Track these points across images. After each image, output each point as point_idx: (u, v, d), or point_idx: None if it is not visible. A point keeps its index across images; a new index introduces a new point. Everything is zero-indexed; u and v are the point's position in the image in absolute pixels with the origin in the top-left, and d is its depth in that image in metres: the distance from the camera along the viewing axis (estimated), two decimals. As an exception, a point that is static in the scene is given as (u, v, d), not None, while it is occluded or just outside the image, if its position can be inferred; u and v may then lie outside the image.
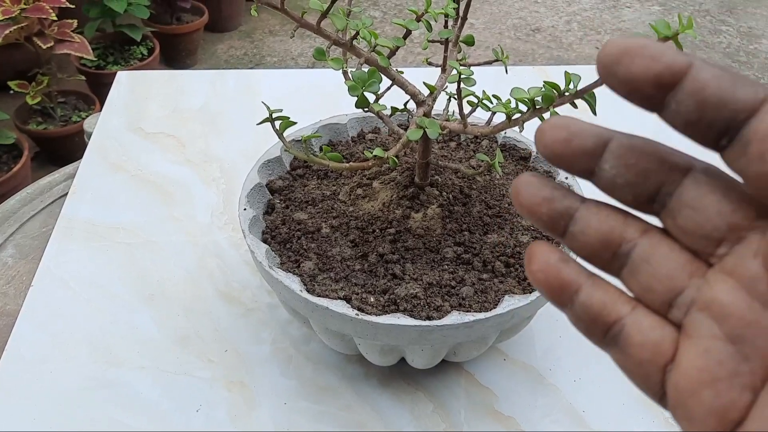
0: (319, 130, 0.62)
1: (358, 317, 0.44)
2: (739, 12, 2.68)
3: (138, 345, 0.58)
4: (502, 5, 2.67)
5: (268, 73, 0.95)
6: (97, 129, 0.81)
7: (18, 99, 1.75)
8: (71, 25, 1.61)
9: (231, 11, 2.41)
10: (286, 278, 0.47)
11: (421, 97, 0.49)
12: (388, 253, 0.50)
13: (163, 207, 0.71)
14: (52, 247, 0.66)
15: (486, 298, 0.48)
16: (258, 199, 0.56)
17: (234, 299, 0.62)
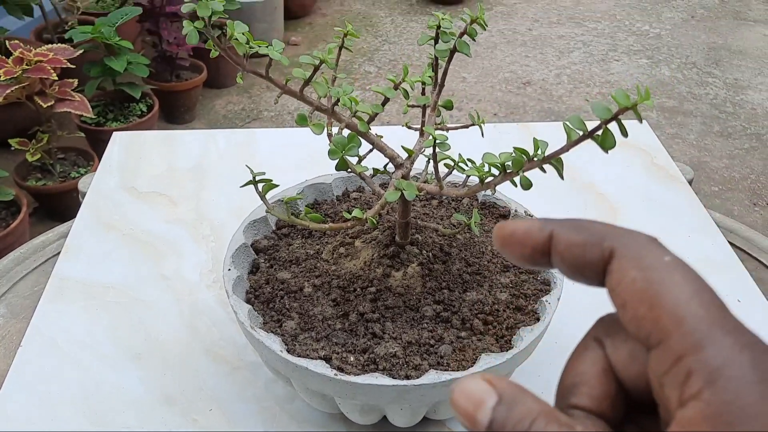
0: (304, 189, 0.64)
1: (336, 377, 0.45)
2: (725, 64, 2.74)
3: (124, 405, 0.58)
4: (494, 59, 2.74)
5: (259, 132, 0.97)
6: (90, 189, 0.83)
7: (18, 155, 1.79)
8: (72, 84, 1.66)
9: (229, 68, 2.47)
10: (267, 339, 0.48)
11: (399, 160, 0.51)
12: (369, 312, 0.51)
13: (153, 266, 0.72)
14: (42, 306, 0.67)
15: (464, 357, 0.48)
16: (243, 259, 0.57)
17: (220, 357, 0.63)
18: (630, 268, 0.20)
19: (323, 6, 3.13)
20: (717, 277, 0.72)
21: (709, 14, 3.16)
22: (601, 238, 0.21)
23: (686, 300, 0.19)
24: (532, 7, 3.20)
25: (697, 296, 0.19)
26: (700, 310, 0.19)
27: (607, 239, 0.21)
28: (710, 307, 0.19)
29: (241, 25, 0.50)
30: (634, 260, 0.20)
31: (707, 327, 0.18)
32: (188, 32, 0.48)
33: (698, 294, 0.19)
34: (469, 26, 0.53)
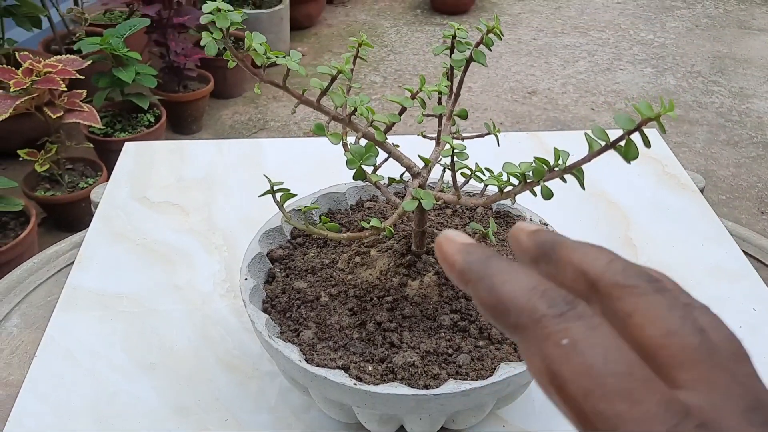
0: (318, 199, 0.64)
1: (356, 387, 0.45)
2: (730, 73, 2.75)
3: (139, 416, 0.58)
4: (499, 69, 2.75)
5: (269, 142, 0.98)
6: (103, 199, 0.84)
7: (26, 166, 1.79)
8: (81, 95, 1.66)
9: (236, 79, 2.48)
10: (285, 348, 0.48)
11: (416, 169, 0.51)
12: (386, 321, 0.51)
13: (166, 276, 0.73)
14: (56, 316, 0.67)
15: (482, 366, 0.48)
16: (259, 269, 0.57)
17: (235, 367, 0.63)
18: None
19: (329, 17, 3.15)
20: (732, 286, 0.72)
21: (714, 23, 3.17)
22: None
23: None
24: (536, 17, 3.22)
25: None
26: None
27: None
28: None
29: (258, 35, 0.50)
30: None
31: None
32: (207, 43, 0.48)
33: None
34: (485, 36, 0.53)
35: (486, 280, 0.21)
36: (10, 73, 1.57)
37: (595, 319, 0.19)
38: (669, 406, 0.17)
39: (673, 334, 0.19)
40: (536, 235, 0.23)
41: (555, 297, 0.19)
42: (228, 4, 0.48)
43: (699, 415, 0.17)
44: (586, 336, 0.18)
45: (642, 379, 0.18)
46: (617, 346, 0.18)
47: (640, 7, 3.32)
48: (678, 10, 3.30)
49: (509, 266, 0.21)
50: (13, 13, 1.93)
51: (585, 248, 0.22)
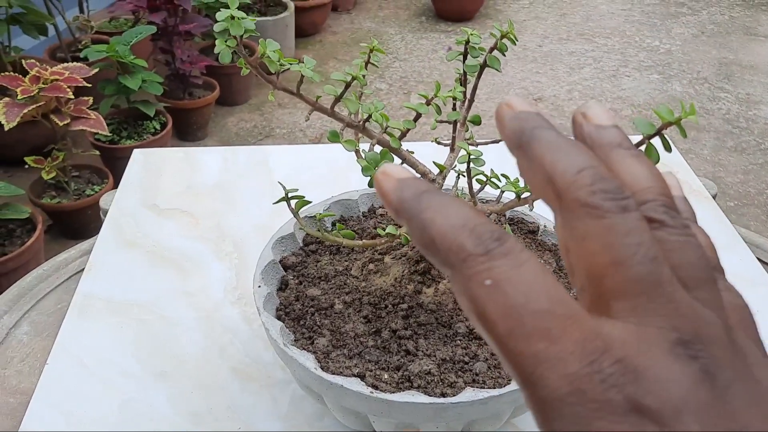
0: (331, 206, 0.64)
1: (372, 395, 0.45)
2: (737, 79, 2.74)
3: (152, 423, 0.58)
4: (505, 75, 2.75)
5: (277, 149, 0.97)
6: (113, 206, 0.83)
7: (33, 173, 1.80)
8: (87, 102, 1.67)
9: (241, 86, 2.48)
10: (300, 356, 0.47)
11: (431, 175, 0.51)
12: (401, 329, 0.51)
13: (176, 283, 0.72)
14: (67, 324, 0.67)
15: (499, 374, 0.48)
16: (272, 276, 0.57)
17: (247, 375, 0.62)
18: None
19: (333, 24, 3.16)
20: (747, 293, 0.71)
21: (719, 30, 3.17)
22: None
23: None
24: (541, 24, 3.22)
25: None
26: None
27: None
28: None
29: (272, 43, 0.50)
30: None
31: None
32: (221, 51, 0.48)
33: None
34: (500, 41, 0.53)
35: (418, 217, 0.20)
36: (18, 81, 1.57)
37: (522, 256, 0.18)
38: (587, 343, 0.17)
39: (620, 264, 0.18)
40: (517, 120, 0.21)
41: (482, 234, 0.19)
42: (241, 12, 0.48)
43: (620, 350, 0.17)
44: (510, 275, 0.18)
45: (563, 316, 0.17)
46: (542, 284, 0.18)
47: (646, 14, 3.32)
48: (683, 16, 3.30)
49: (441, 201, 0.20)
50: (19, 21, 1.93)
51: (560, 149, 0.20)
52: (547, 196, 0.20)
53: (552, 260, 0.59)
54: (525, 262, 0.18)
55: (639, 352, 0.17)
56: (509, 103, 0.22)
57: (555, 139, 0.20)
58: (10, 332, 0.72)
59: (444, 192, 0.21)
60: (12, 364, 0.68)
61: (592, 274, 0.19)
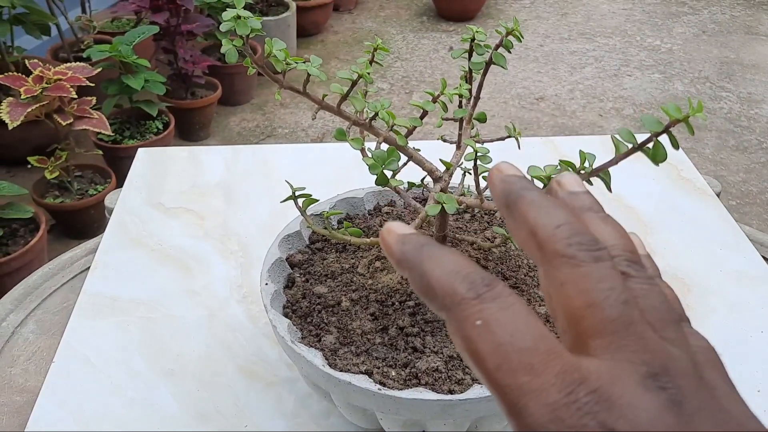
0: (336, 204, 0.64)
1: (380, 392, 0.45)
2: (738, 78, 2.74)
3: (158, 422, 0.58)
4: (506, 75, 2.75)
5: (282, 148, 0.98)
6: (118, 205, 0.84)
7: (35, 173, 1.80)
8: (90, 102, 1.67)
9: (243, 86, 2.48)
10: (308, 353, 0.47)
11: (438, 173, 0.51)
12: (408, 326, 0.51)
13: (182, 281, 0.72)
14: (73, 322, 0.67)
15: (507, 371, 0.48)
16: (278, 274, 0.57)
17: (253, 373, 0.62)
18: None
19: (335, 24, 3.16)
20: (753, 292, 0.71)
21: (721, 29, 3.17)
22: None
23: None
24: (542, 24, 3.22)
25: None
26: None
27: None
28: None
29: (279, 42, 0.50)
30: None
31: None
32: (228, 51, 0.48)
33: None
34: (505, 38, 0.53)
35: (418, 267, 0.22)
36: (21, 81, 1.58)
37: (509, 299, 0.20)
38: (566, 376, 0.19)
39: (595, 306, 0.20)
40: (505, 183, 0.24)
41: (475, 279, 0.21)
42: (247, 12, 0.48)
43: (595, 381, 0.19)
44: (498, 316, 0.20)
45: (546, 352, 0.19)
46: (525, 323, 0.20)
47: (647, 13, 3.32)
48: (684, 15, 3.30)
49: (439, 252, 0.22)
50: (22, 21, 1.93)
51: (541, 207, 0.23)
52: (531, 249, 0.23)
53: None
54: (512, 305, 0.20)
55: (612, 383, 0.19)
56: (499, 168, 0.25)
57: (537, 199, 0.23)
58: (16, 331, 0.72)
59: (442, 245, 0.23)
60: (18, 362, 0.69)
61: (570, 317, 0.21)
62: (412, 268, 0.22)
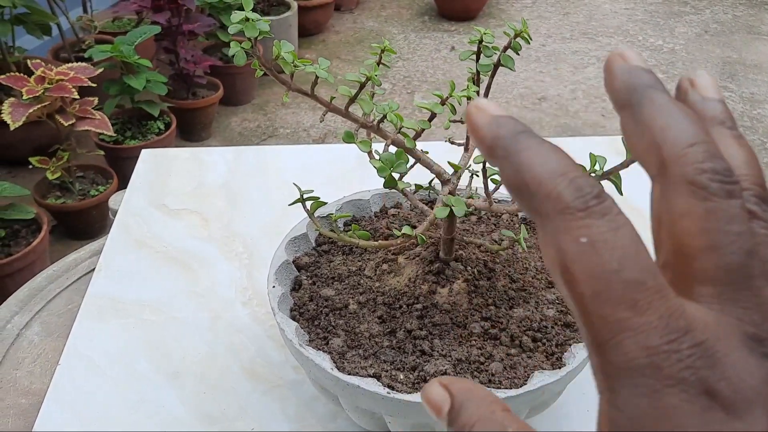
0: (343, 206, 0.64)
1: (389, 395, 0.45)
2: (741, 79, 2.74)
3: (164, 424, 0.58)
4: (508, 75, 2.74)
5: (285, 149, 0.97)
6: (122, 207, 0.83)
7: (37, 174, 1.80)
8: (92, 103, 1.67)
9: (245, 86, 2.48)
10: (316, 356, 0.47)
11: (446, 176, 0.51)
12: (416, 329, 0.51)
13: (187, 283, 0.72)
14: (79, 325, 0.67)
15: (515, 374, 0.48)
16: (285, 276, 0.57)
17: (259, 376, 0.62)
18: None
19: (336, 23, 3.16)
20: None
21: (723, 29, 3.17)
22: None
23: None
24: (544, 23, 3.22)
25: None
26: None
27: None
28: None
29: (287, 44, 0.50)
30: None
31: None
32: (236, 53, 0.48)
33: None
34: (514, 40, 0.52)
35: (513, 158, 0.19)
36: (23, 81, 1.57)
37: (620, 219, 0.18)
38: (670, 320, 0.17)
39: (715, 250, 0.18)
40: (630, 76, 0.20)
41: (583, 187, 0.18)
42: (256, 14, 0.48)
43: (701, 334, 0.17)
44: (606, 237, 0.18)
45: (653, 289, 0.17)
46: (635, 252, 0.18)
47: (649, 13, 3.32)
48: (686, 15, 3.30)
49: (540, 145, 0.19)
50: (23, 21, 1.93)
51: (672, 115, 0.19)
52: (649, 163, 0.20)
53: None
54: (622, 226, 0.18)
55: (718, 339, 0.17)
56: (623, 54, 0.21)
57: (668, 105, 0.20)
58: (21, 333, 0.72)
59: (543, 138, 0.19)
60: (23, 364, 0.68)
61: (682, 253, 0.19)
62: (506, 157, 0.19)
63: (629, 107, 0.20)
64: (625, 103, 0.20)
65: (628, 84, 0.20)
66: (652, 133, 0.19)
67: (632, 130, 0.20)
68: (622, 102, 0.20)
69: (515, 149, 0.19)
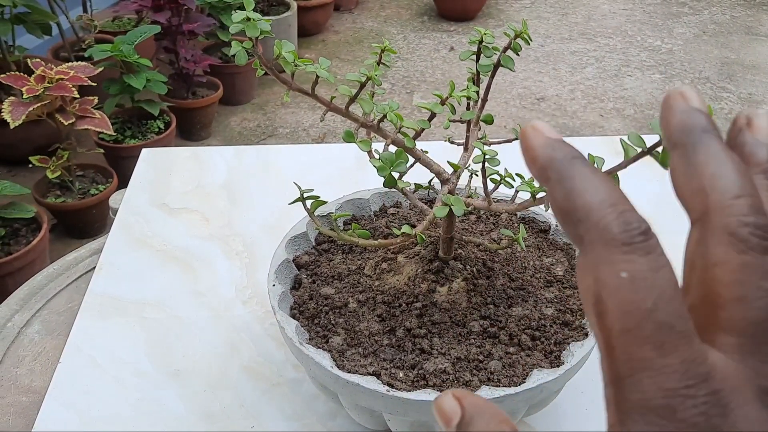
0: (342, 205, 0.64)
1: (389, 393, 0.45)
2: (739, 79, 2.75)
3: (165, 422, 0.58)
4: (507, 75, 2.75)
5: (285, 149, 0.98)
6: (122, 205, 0.84)
7: (37, 172, 1.80)
8: (92, 102, 1.67)
9: (244, 85, 2.48)
10: (316, 354, 0.47)
11: (445, 175, 0.51)
12: (416, 328, 0.51)
13: (187, 282, 0.73)
14: (79, 323, 0.67)
15: (514, 372, 0.48)
16: (285, 275, 0.57)
17: (259, 374, 0.62)
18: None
19: (336, 24, 3.16)
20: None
21: (721, 29, 3.17)
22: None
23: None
24: (543, 24, 3.22)
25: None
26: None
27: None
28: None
29: (288, 44, 0.50)
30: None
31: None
32: (237, 52, 0.48)
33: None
34: (514, 41, 0.53)
35: (566, 183, 0.19)
36: (23, 80, 1.58)
37: (662, 259, 0.18)
38: (691, 366, 0.17)
39: (743, 303, 0.19)
40: (688, 117, 0.21)
41: (631, 222, 0.18)
42: (257, 14, 0.48)
43: (719, 383, 0.18)
44: (647, 275, 0.18)
45: (681, 334, 0.18)
46: (671, 295, 0.18)
47: (647, 14, 3.32)
48: (685, 16, 3.30)
49: (593, 174, 0.20)
50: (23, 20, 1.93)
51: (724, 164, 0.20)
52: (693, 206, 0.20)
53: (564, 259, 0.59)
54: (663, 267, 0.18)
55: (733, 390, 0.18)
56: (684, 93, 0.21)
57: (721, 153, 0.20)
58: (22, 331, 0.72)
59: (595, 167, 0.20)
60: (24, 362, 0.69)
61: (711, 301, 0.19)
62: (558, 181, 0.19)
63: (682, 147, 0.20)
64: (678, 143, 0.20)
65: (686, 124, 0.20)
66: (702, 179, 0.20)
67: (682, 171, 0.20)
68: (676, 141, 0.21)
69: (569, 174, 0.20)
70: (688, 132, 0.20)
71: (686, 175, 0.20)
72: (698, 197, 0.20)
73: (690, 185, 0.20)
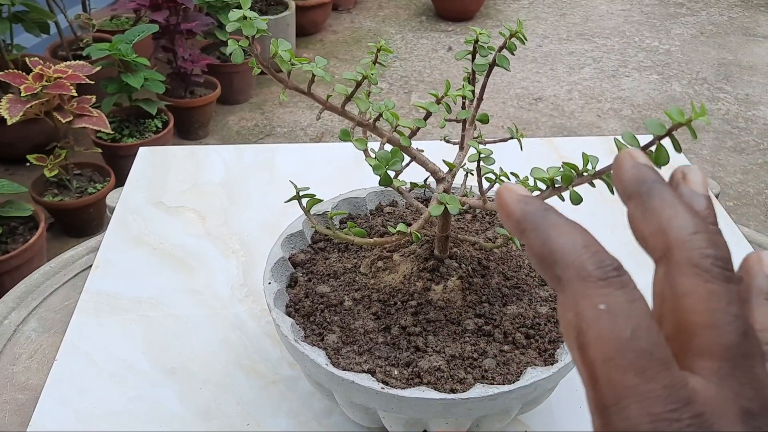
0: (339, 204, 0.64)
1: (383, 391, 0.45)
2: (736, 80, 2.75)
3: (161, 420, 0.58)
4: (504, 75, 2.75)
5: (282, 148, 0.98)
6: (119, 204, 0.84)
7: (34, 171, 1.80)
8: (90, 101, 1.67)
9: (242, 85, 2.48)
10: (311, 352, 0.48)
11: (441, 174, 0.52)
12: (411, 326, 0.51)
13: (184, 280, 0.73)
14: (76, 321, 0.68)
15: (508, 370, 0.48)
16: (281, 273, 0.57)
17: (255, 372, 0.63)
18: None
19: (334, 23, 3.16)
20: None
21: (718, 30, 3.18)
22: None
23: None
24: (541, 24, 3.22)
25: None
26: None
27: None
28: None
29: (284, 42, 0.50)
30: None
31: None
32: (234, 51, 0.48)
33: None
34: (509, 40, 0.53)
35: (541, 231, 0.21)
36: (21, 78, 1.58)
37: (636, 293, 0.20)
38: (673, 391, 0.18)
39: (715, 329, 0.20)
40: (639, 171, 0.23)
41: (604, 260, 0.20)
42: (254, 12, 0.48)
43: (701, 406, 0.18)
44: (623, 307, 0.19)
45: (660, 360, 0.19)
46: (647, 325, 0.19)
47: (645, 15, 3.33)
48: (682, 17, 3.31)
49: (565, 221, 0.22)
50: (21, 19, 1.93)
51: (676, 207, 0.22)
52: (654, 246, 0.22)
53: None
54: (637, 300, 0.20)
55: (715, 412, 0.19)
56: (632, 154, 0.24)
57: (673, 198, 0.22)
58: (18, 329, 0.72)
59: (565, 216, 0.22)
60: (20, 360, 0.69)
61: (684, 330, 0.20)
62: (533, 231, 0.21)
63: (637, 196, 0.23)
64: (633, 193, 0.23)
65: (638, 177, 0.23)
66: (660, 221, 0.22)
67: (640, 217, 0.22)
68: (631, 192, 0.23)
69: (543, 224, 0.22)
70: (641, 183, 0.23)
71: (644, 220, 0.22)
72: (659, 237, 0.21)
73: (649, 228, 0.22)
